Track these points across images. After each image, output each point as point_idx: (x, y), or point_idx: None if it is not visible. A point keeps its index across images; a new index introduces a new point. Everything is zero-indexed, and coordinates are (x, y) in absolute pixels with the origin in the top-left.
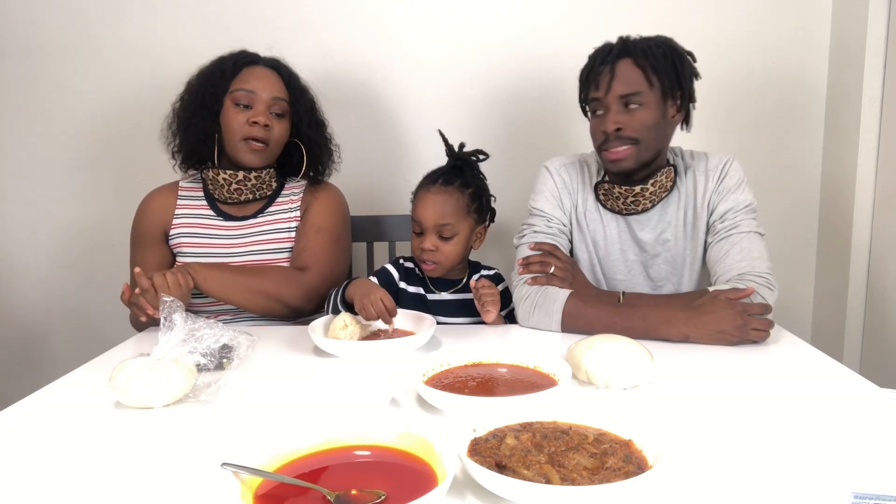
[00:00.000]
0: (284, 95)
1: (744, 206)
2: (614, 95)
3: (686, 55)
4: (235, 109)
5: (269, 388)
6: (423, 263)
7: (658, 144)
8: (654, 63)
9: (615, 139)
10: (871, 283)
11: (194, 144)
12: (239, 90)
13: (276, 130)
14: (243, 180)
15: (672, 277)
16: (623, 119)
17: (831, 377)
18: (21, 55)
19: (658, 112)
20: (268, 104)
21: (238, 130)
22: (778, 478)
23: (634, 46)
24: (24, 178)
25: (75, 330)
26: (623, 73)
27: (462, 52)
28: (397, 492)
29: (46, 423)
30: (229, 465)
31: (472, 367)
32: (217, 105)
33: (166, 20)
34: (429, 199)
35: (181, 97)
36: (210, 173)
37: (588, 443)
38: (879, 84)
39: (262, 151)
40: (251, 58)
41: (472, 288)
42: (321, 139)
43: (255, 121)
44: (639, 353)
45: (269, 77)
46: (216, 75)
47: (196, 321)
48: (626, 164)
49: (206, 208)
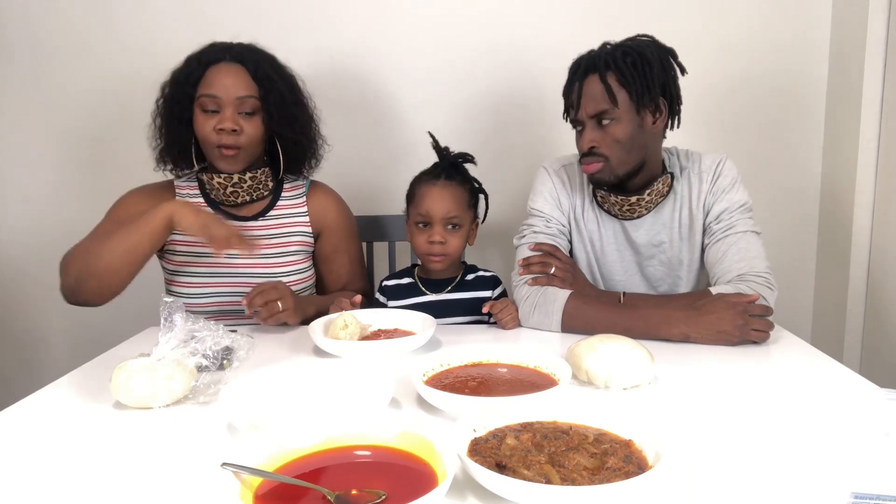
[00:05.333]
0: (252, 91)
1: (739, 206)
2: (585, 114)
3: (665, 56)
4: (204, 116)
5: (270, 388)
6: (430, 259)
7: (637, 156)
8: (621, 76)
9: (590, 155)
10: (871, 284)
11: (174, 152)
12: (203, 96)
13: (247, 131)
14: (238, 182)
15: (668, 278)
16: (597, 136)
17: (831, 377)
18: (21, 55)
19: (632, 125)
20: (234, 105)
21: (208, 138)
22: (778, 478)
23: (601, 60)
24: (24, 178)
25: (75, 330)
26: (591, 91)
27: (460, 54)
28: (397, 492)
29: (46, 423)
30: (229, 465)
31: (472, 367)
32: (187, 113)
33: (164, 19)
34: (436, 193)
35: (156, 102)
36: (205, 177)
37: (588, 443)
38: (879, 84)
39: (235, 157)
40: (216, 55)
41: (487, 312)
42: (296, 134)
43: (221, 128)
44: (639, 354)
45: (234, 74)
46: (181, 82)
47: (196, 322)
48: (601, 178)
49: (205, 206)
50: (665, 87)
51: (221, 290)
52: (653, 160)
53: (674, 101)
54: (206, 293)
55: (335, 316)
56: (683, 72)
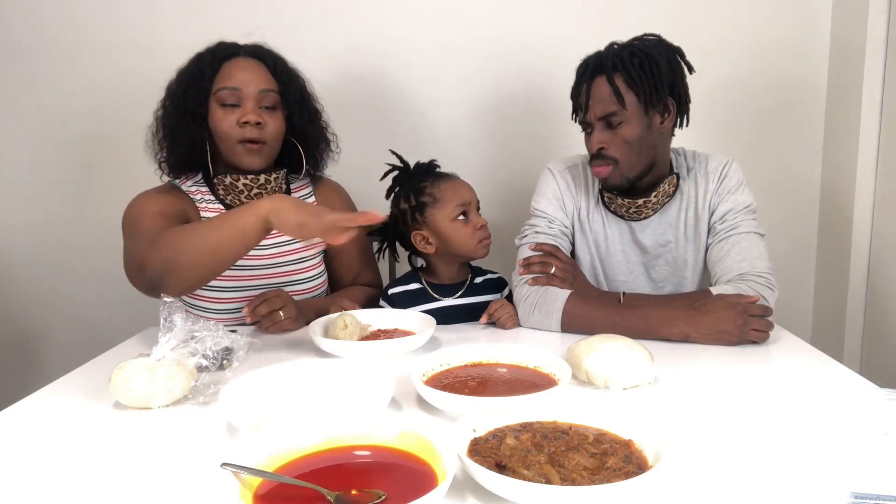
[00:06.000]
0: (273, 86)
1: (743, 207)
2: (594, 116)
3: (672, 55)
4: (223, 111)
5: (269, 388)
6: (481, 245)
7: (647, 157)
8: (629, 77)
9: (599, 157)
10: (871, 284)
11: (185, 153)
12: (223, 89)
13: (271, 126)
14: (264, 184)
15: (673, 278)
16: (606, 138)
17: (831, 377)
18: (20, 55)
19: (641, 125)
20: (256, 99)
21: (230, 133)
22: (778, 477)
23: (608, 62)
24: (24, 178)
25: (75, 330)
26: (598, 93)
27: (463, 53)
28: (397, 492)
29: (46, 423)
30: (229, 465)
31: (471, 367)
32: (202, 109)
33: (166, 19)
34: (460, 182)
35: (163, 103)
36: (227, 179)
37: (588, 443)
38: (879, 85)
39: (260, 151)
40: (230, 50)
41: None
42: (317, 130)
43: (245, 121)
44: (639, 353)
45: (252, 68)
46: (196, 76)
47: (196, 322)
48: (611, 182)
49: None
50: (673, 87)
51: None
52: (661, 161)
53: (682, 100)
54: (227, 308)
55: (335, 316)
56: (691, 70)
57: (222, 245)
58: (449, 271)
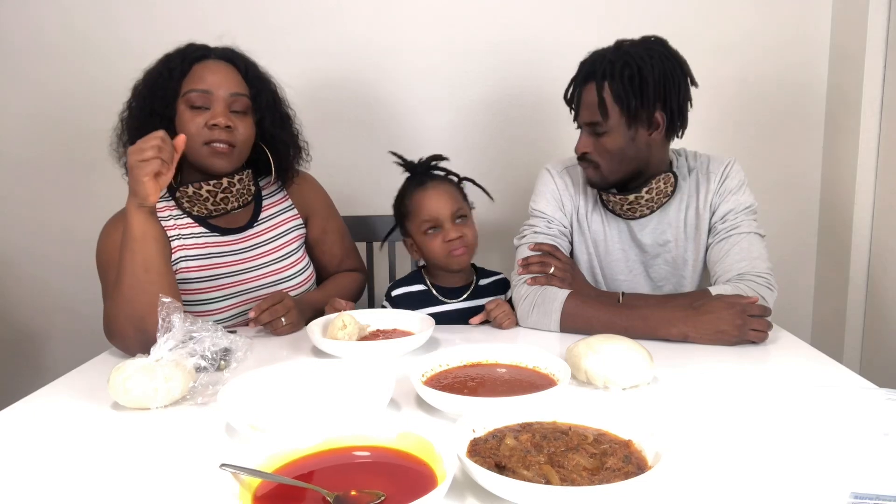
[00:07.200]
0: (244, 90)
1: (744, 208)
2: (582, 121)
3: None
4: (191, 113)
5: (268, 388)
6: (454, 256)
7: (630, 165)
8: (615, 89)
9: (583, 159)
10: (871, 284)
11: None
12: (192, 91)
13: (241, 130)
14: (228, 187)
15: (672, 278)
16: (589, 143)
17: (831, 377)
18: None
19: (624, 137)
20: (227, 102)
21: (197, 135)
22: (778, 478)
23: (599, 69)
24: (24, 178)
25: (74, 330)
26: (586, 100)
27: (457, 54)
28: (397, 492)
29: (45, 423)
30: (228, 465)
31: (471, 368)
32: (169, 111)
33: (163, 21)
34: (431, 195)
35: (128, 104)
36: (190, 189)
37: (588, 443)
38: (879, 85)
39: (228, 154)
40: (201, 51)
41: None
42: (287, 136)
43: (214, 123)
44: (638, 354)
45: (223, 71)
46: (164, 77)
47: (194, 323)
48: (594, 182)
49: (194, 226)
50: (666, 101)
51: (234, 312)
52: (653, 165)
53: (675, 114)
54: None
55: (333, 316)
56: (694, 83)
57: (144, 258)
58: (447, 275)
